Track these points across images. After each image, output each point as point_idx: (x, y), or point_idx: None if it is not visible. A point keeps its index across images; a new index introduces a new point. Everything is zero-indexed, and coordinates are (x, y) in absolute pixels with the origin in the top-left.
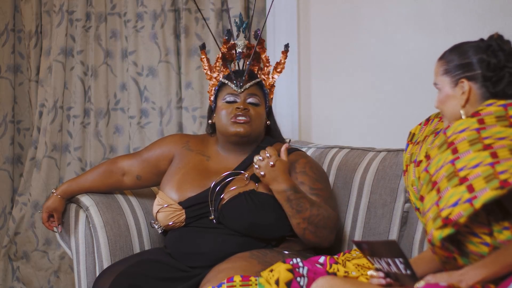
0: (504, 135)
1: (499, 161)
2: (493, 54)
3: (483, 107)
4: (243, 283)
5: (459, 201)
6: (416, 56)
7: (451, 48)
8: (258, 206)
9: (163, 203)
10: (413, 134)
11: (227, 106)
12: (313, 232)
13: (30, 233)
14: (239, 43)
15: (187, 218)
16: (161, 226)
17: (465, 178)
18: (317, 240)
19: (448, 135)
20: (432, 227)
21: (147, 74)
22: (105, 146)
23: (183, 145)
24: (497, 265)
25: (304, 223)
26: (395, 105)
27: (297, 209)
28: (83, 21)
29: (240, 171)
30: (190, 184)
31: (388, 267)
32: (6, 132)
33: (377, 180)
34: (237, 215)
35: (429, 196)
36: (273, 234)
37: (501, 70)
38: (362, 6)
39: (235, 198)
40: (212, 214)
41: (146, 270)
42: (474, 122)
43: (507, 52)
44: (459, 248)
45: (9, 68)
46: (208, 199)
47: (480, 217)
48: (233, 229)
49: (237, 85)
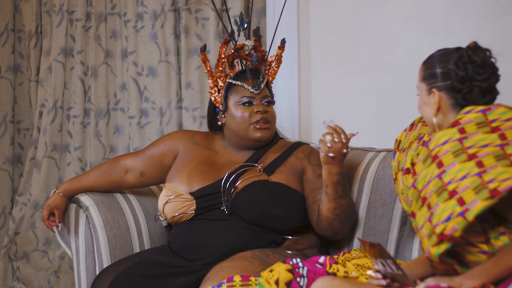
0: (486, 142)
1: (486, 170)
2: (462, 66)
3: (462, 116)
4: (243, 283)
5: (452, 216)
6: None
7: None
8: (272, 194)
9: (171, 194)
10: (399, 141)
11: (245, 109)
12: (342, 220)
13: (30, 233)
14: (248, 43)
15: (197, 209)
16: (167, 219)
17: (454, 192)
18: (340, 230)
19: (430, 148)
20: (428, 245)
21: (147, 74)
22: (105, 146)
23: (189, 139)
24: (497, 269)
25: (339, 209)
26: (395, 105)
27: (340, 194)
28: (83, 21)
29: (253, 164)
30: (199, 176)
31: (383, 267)
32: (6, 132)
33: (377, 180)
34: (251, 203)
35: (420, 213)
36: (284, 225)
37: (470, 82)
38: (362, 6)
39: (250, 186)
40: (223, 204)
41: (145, 270)
42: (455, 132)
43: (477, 64)
44: (458, 260)
45: (9, 68)
46: (220, 189)
47: (475, 227)
48: (245, 218)
49: (255, 87)
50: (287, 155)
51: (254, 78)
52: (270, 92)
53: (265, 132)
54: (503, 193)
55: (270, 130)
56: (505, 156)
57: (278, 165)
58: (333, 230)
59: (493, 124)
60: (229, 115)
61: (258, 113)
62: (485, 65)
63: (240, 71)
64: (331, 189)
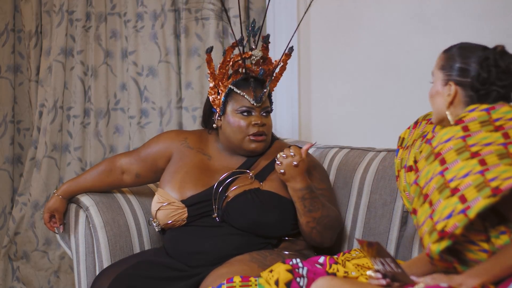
0: (490, 140)
1: (488, 168)
2: (486, 68)
3: (466, 114)
4: (242, 283)
5: (453, 213)
6: (416, 56)
7: (459, 46)
8: (263, 204)
9: (164, 201)
10: (403, 138)
11: (243, 118)
12: (320, 232)
13: (30, 233)
14: (256, 53)
15: (189, 217)
16: (160, 224)
17: (456, 189)
18: (322, 240)
19: (434, 145)
20: (429, 241)
21: (147, 74)
22: (105, 146)
23: (181, 142)
24: (497, 268)
25: (313, 222)
26: (395, 105)
27: (309, 208)
28: (83, 21)
29: (245, 170)
30: (192, 183)
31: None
32: (6, 132)
33: (377, 180)
34: (242, 212)
35: (422, 209)
36: (276, 233)
37: (490, 85)
38: (362, 6)
39: (241, 196)
40: (215, 212)
41: (145, 271)
42: (459, 130)
43: (502, 69)
44: (458, 257)
45: (9, 68)
46: (211, 197)
47: (476, 225)
48: (236, 227)
49: (257, 100)
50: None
51: (257, 90)
52: (270, 101)
53: (260, 144)
54: (505, 191)
55: (265, 142)
56: (508, 155)
57: (269, 171)
58: (314, 240)
59: (496, 123)
60: (226, 121)
61: (256, 125)
62: (509, 71)
63: (243, 78)
64: (299, 204)
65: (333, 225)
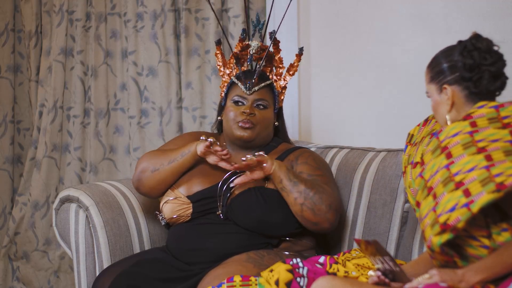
0: (497, 137)
1: (494, 164)
2: (468, 55)
3: (475, 110)
4: (243, 283)
5: (456, 206)
6: (416, 56)
7: (438, 52)
8: (267, 201)
9: (171, 195)
10: (412, 135)
11: (235, 107)
12: (311, 208)
13: (30, 233)
14: (253, 44)
15: (193, 213)
16: (165, 218)
17: (461, 183)
18: (316, 219)
19: (441, 139)
20: (431, 234)
21: (147, 74)
22: (105, 146)
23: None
24: (497, 266)
25: (300, 198)
26: (395, 105)
27: (294, 181)
28: (83, 21)
29: None
30: (198, 179)
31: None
32: (6, 132)
33: (377, 180)
34: (246, 209)
35: (425, 202)
36: (280, 231)
37: (478, 68)
38: (362, 6)
39: (245, 193)
40: (219, 209)
41: (146, 271)
42: (467, 125)
43: (483, 50)
44: (459, 252)
45: (9, 68)
46: (216, 194)
47: (478, 220)
48: (240, 224)
49: (246, 87)
50: (281, 160)
51: (249, 79)
52: (274, 97)
53: (247, 132)
54: (509, 187)
55: (255, 131)
56: None
57: None
58: (309, 221)
59: (505, 120)
60: (225, 113)
61: (244, 114)
62: (490, 50)
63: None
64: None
65: (322, 199)
